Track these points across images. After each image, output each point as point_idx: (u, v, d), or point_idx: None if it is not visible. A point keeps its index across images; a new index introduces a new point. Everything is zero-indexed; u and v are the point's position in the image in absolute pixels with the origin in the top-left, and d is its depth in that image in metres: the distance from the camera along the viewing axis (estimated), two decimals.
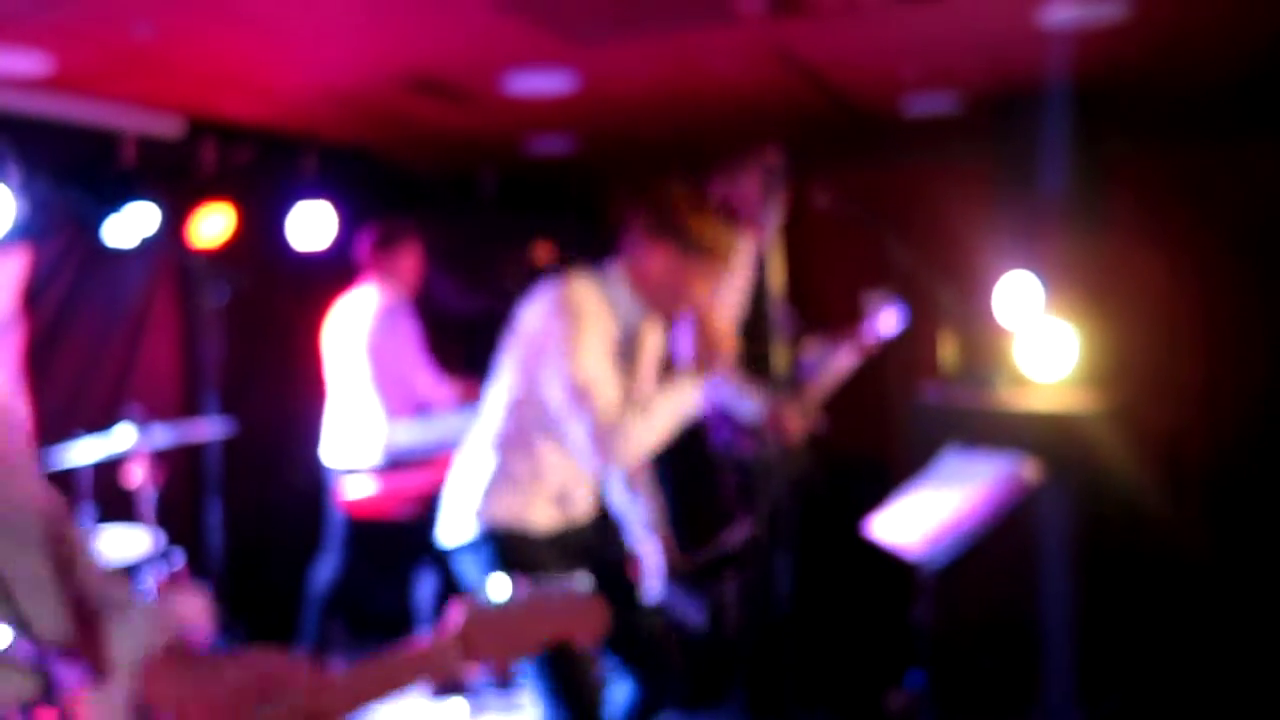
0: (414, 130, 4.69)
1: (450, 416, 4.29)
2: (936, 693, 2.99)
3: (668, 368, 2.75)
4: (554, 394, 2.51)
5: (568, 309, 2.52)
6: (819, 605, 3.56)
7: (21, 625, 1.19)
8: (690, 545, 4.57)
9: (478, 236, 5.25)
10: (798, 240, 3.49)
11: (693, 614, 3.51)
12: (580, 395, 2.46)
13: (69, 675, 1.20)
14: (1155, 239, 4.63)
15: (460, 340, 5.19)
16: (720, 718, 3.82)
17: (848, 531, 3.51)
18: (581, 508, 2.73)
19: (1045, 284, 4.05)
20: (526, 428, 2.59)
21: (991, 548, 2.94)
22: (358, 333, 4.28)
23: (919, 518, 2.91)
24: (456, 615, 1.27)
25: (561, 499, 2.66)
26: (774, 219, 3.39)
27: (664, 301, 2.62)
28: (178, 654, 1.21)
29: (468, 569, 2.61)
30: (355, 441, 4.25)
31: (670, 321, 2.69)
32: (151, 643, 1.21)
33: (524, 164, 5.31)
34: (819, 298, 3.92)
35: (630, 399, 2.58)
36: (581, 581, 1.36)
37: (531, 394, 2.58)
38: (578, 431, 2.49)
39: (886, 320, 3.70)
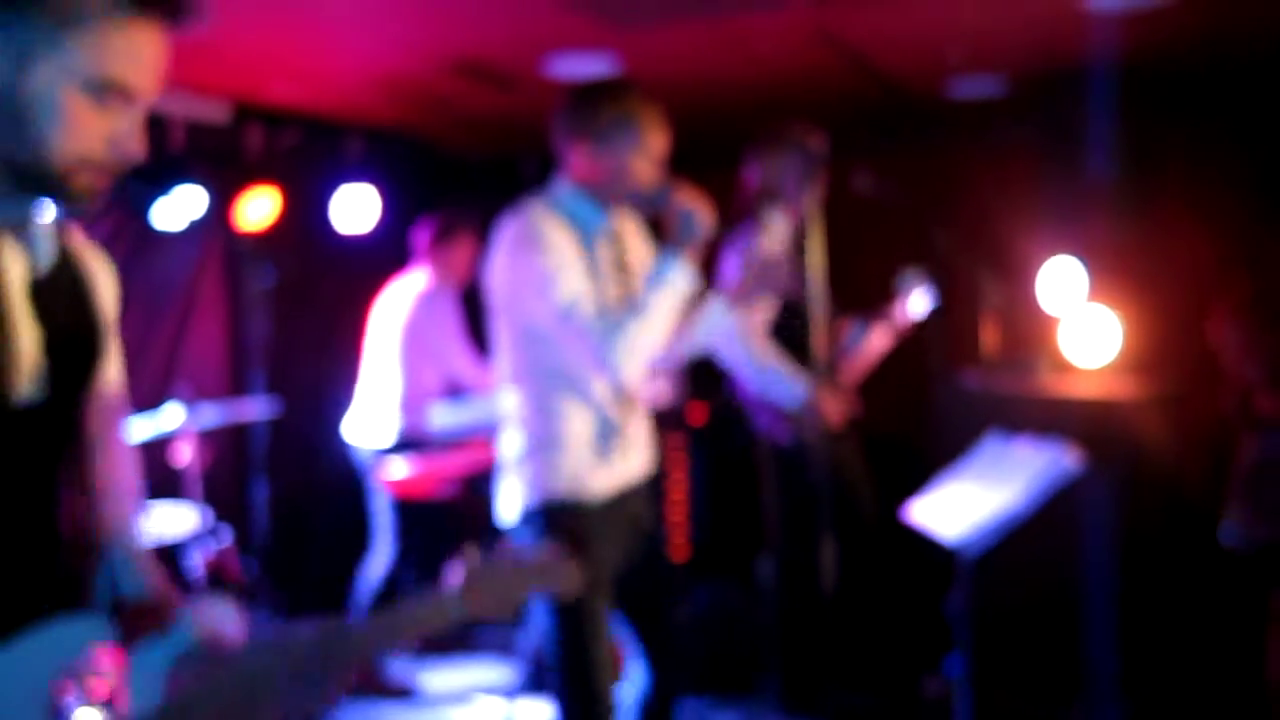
0: (457, 114, 4.72)
1: (488, 398, 4.34)
2: (975, 680, 2.99)
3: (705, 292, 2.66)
4: (546, 328, 2.44)
5: (522, 240, 2.44)
6: (855, 590, 3.56)
7: (117, 605, 1.32)
8: (729, 534, 4.58)
9: None
10: (838, 223, 3.48)
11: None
12: (566, 317, 2.39)
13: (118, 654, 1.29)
14: (1202, 223, 4.56)
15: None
16: (754, 703, 3.84)
17: (885, 516, 3.51)
18: (635, 462, 2.63)
19: (1090, 268, 4.01)
20: (542, 384, 2.52)
21: (1032, 534, 2.92)
22: (397, 314, 4.35)
23: (958, 504, 2.91)
24: (457, 571, 1.40)
25: (607, 448, 2.55)
26: (812, 201, 3.37)
27: (614, 191, 2.53)
28: (207, 656, 1.29)
29: (523, 543, 2.57)
30: (384, 422, 4.31)
31: (638, 206, 2.58)
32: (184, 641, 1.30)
33: None
34: (859, 281, 3.89)
35: (629, 301, 2.49)
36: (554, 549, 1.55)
37: (530, 347, 2.50)
38: (577, 354, 2.42)
39: (918, 300, 3.66)
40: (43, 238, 1.24)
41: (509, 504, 2.59)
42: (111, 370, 1.37)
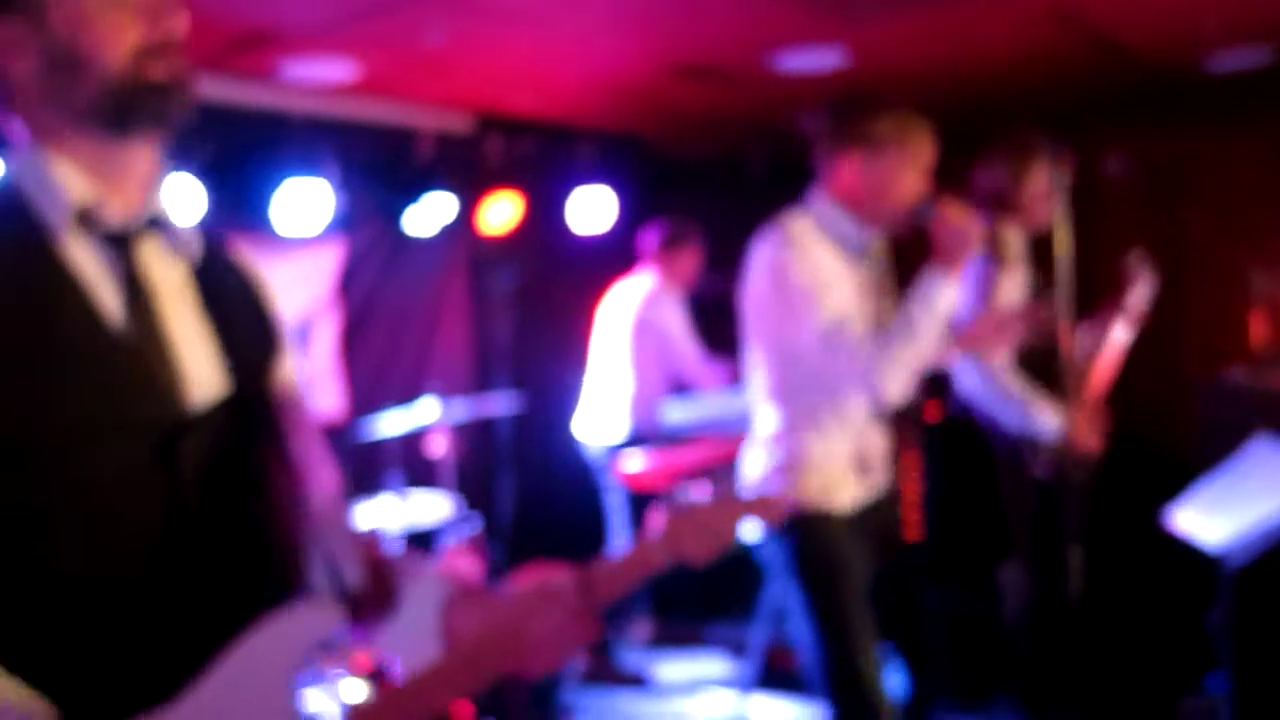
0: (683, 115, 4.79)
1: (718, 396, 4.41)
2: (1239, 700, 2.77)
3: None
4: (808, 347, 2.40)
5: (782, 257, 2.39)
6: (1107, 601, 3.37)
7: (337, 581, 1.37)
8: (964, 536, 4.42)
9: (748, 218, 5.30)
10: (1084, 215, 3.29)
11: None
12: (829, 337, 2.34)
13: (366, 627, 1.40)
14: None
15: (725, 321, 5.27)
16: (992, 714, 3.70)
17: (1140, 523, 3.30)
18: (880, 475, 2.61)
19: None
20: (798, 403, 2.49)
21: None
22: (626, 314, 4.48)
23: (1222, 509, 2.71)
24: (659, 518, 1.41)
25: (861, 465, 2.53)
26: (1055, 207, 3.15)
27: (877, 210, 2.46)
28: (464, 594, 1.37)
29: (772, 555, 2.55)
30: (614, 418, 4.43)
31: (896, 227, 2.50)
32: (441, 593, 1.37)
33: (794, 144, 5.30)
34: (1109, 277, 3.67)
35: (885, 322, 2.44)
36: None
37: (788, 360, 2.47)
38: (842, 375, 2.37)
39: (1144, 287, 3.35)
40: (188, 238, 1.27)
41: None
42: (288, 364, 1.39)
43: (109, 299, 1.17)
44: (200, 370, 1.23)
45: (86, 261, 1.17)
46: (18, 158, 1.21)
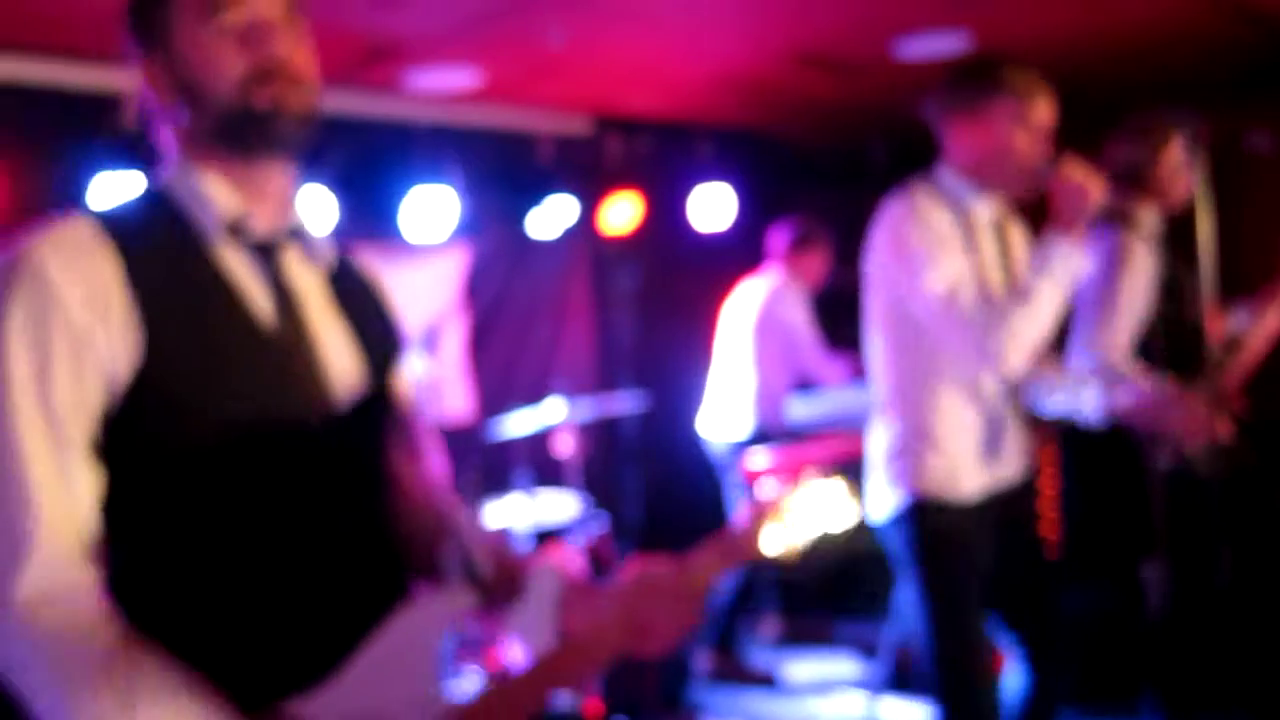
0: (803, 106, 4.74)
1: (842, 391, 4.34)
2: None
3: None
4: (922, 311, 2.33)
5: (901, 221, 2.35)
6: (1254, 596, 3.19)
7: (468, 570, 1.42)
8: (1104, 532, 4.26)
9: (870, 209, 5.22)
10: (1226, 194, 3.12)
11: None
12: (946, 304, 2.27)
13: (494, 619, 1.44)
14: None
15: (849, 315, 5.20)
16: (1137, 716, 3.55)
17: None
18: (1011, 464, 2.50)
19: None
20: (918, 374, 2.42)
21: None
22: (750, 311, 4.45)
23: None
24: (743, 514, 1.44)
25: (988, 450, 2.44)
26: (1193, 184, 2.99)
27: (999, 175, 2.39)
28: (574, 587, 1.41)
29: (893, 543, 2.50)
30: (739, 416, 4.41)
31: (1021, 192, 2.43)
32: (558, 584, 1.41)
33: (916, 131, 5.19)
34: (1256, 256, 3.47)
35: (1009, 291, 2.34)
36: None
37: (906, 334, 2.41)
38: (955, 343, 2.31)
39: None
40: (323, 247, 1.34)
41: (877, 503, 2.51)
42: (407, 364, 1.46)
43: (261, 303, 1.24)
44: (341, 370, 1.30)
45: (238, 268, 1.24)
46: (169, 170, 1.29)
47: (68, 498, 1.12)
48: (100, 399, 1.14)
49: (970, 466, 2.42)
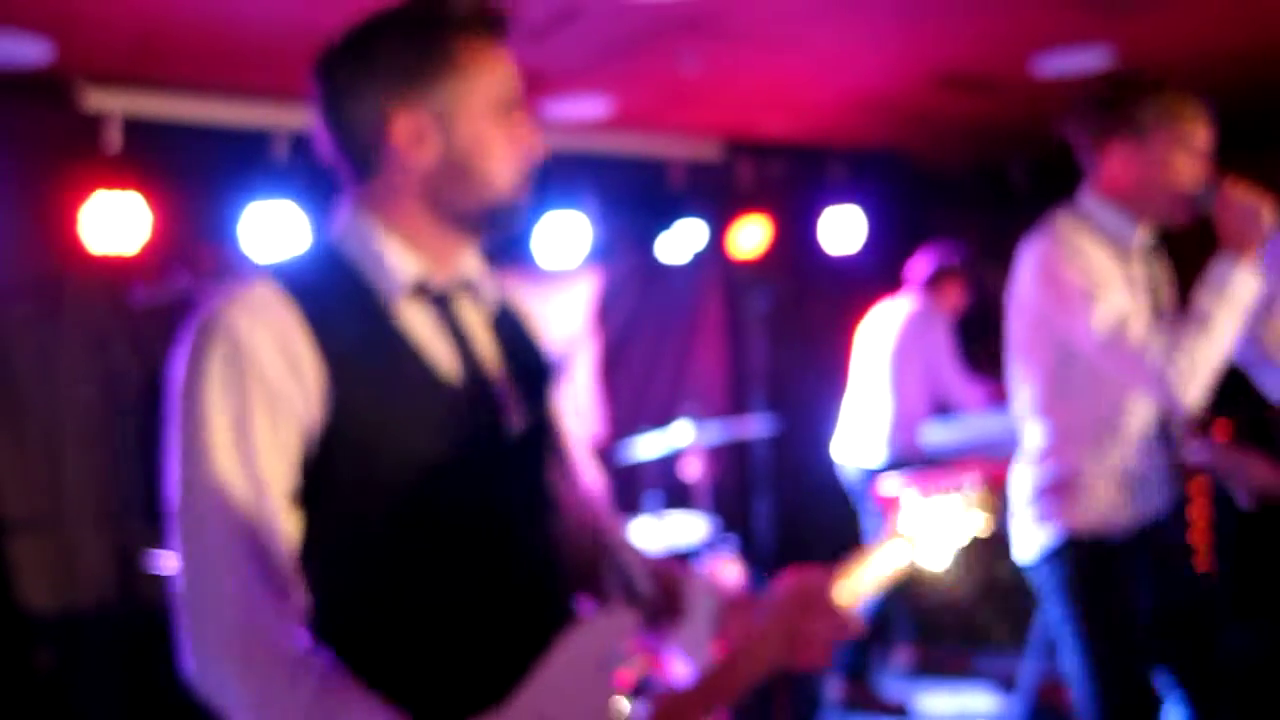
0: (941, 127, 4.66)
1: (981, 417, 4.23)
2: None
3: None
4: (1086, 349, 2.25)
5: (1055, 259, 2.26)
6: None
7: (631, 591, 1.48)
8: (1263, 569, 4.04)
9: (1010, 230, 5.09)
10: None
11: None
12: (1115, 339, 2.18)
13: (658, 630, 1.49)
14: None
15: (988, 339, 5.07)
16: None
17: None
18: (1158, 499, 2.40)
19: None
20: (1072, 410, 2.35)
21: None
22: (888, 335, 4.39)
23: None
24: (886, 530, 1.57)
25: (1139, 484, 2.35)
26: None
27: (1151, 201, 2.28)
28: (730, 602, 1.46)
29: (1044, 581, 2.42)
30: (874, 441, 4.34)
31: (1180, 220, 2.31)
32: (714, 600, 1.46)
33: (1056, 151, 5.05)
34: None
35: (1174, 322, 2.24)
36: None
37: (1058, 373, 2.34)
38: (1126, 377, 2.22)
39: None
40: (489, 289, 1.39)
41: (1026, 542, 2.45)
42: (562, 389, 1.50)
43: (441, 353, 1.29)
44: (512, 406, 1.35)
45: (420, 324, 1.29)
46: (341, 224, 1.34)
47: (267, 543, 1.17)
48: (297, 450, 1.20)
49: (1121, 500, 2.34)
